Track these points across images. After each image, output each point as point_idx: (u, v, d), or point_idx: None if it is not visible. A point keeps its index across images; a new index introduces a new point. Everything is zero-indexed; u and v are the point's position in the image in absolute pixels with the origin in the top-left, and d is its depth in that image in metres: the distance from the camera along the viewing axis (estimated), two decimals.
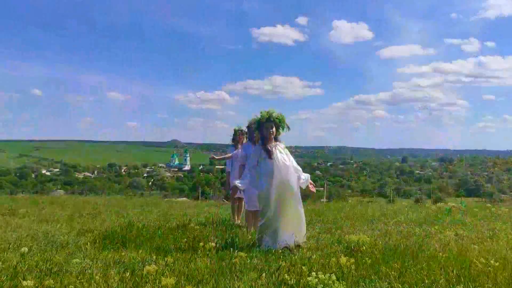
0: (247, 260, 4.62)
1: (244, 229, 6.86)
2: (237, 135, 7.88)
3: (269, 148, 5.65)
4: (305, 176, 5.83)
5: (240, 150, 7.58)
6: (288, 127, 5.84)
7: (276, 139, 5.78)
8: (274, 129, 5.72)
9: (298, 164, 5.90)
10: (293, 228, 5.50)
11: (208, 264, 4.47)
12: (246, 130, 7.34)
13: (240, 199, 7.89)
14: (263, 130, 5.75)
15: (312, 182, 5.91)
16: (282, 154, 5.68)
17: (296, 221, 5.58)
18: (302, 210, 5.70)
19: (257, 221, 6.11)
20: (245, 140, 7.72)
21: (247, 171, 5.83)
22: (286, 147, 5.89)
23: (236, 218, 8.05)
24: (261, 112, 5.76)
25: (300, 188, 5.78)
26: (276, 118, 5.71)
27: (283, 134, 5.99)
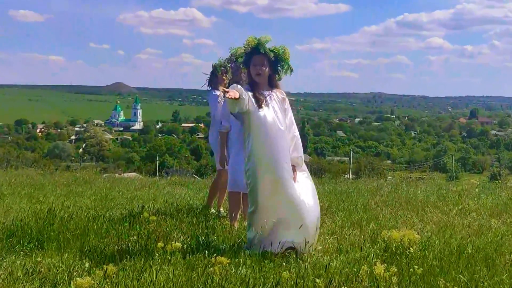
0: (231, 269, 4.64)
1: (227, 221, 6.88)
2: (219, 74, 7.64)
3: (259, 95, 5.57)
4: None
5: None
6: (291, 69, 5.78)
7: (271, 84, 5.74)
8: (267, 68, 5.65)
9: (305, 128, 5.82)
10: (295, 223, 5.49)
11: (170, 275, 4.48)
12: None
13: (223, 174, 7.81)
14: (250, 67, 5.70)
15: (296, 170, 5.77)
16: (276, 109, 5.61)
17: (291, 213, 5.56)
18: (304, 199, 5.60)
19: (246, 209, 6.11)
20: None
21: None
22: (289, 98, 5.84)
23: (217, 205, 8.07)
24: (248, 39, 5.65)
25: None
26: (273, 50, 5.64)
27: (283, 78, 5.90)
